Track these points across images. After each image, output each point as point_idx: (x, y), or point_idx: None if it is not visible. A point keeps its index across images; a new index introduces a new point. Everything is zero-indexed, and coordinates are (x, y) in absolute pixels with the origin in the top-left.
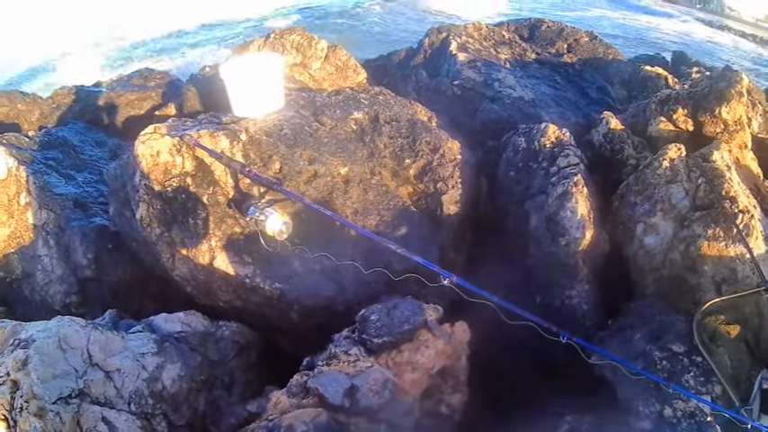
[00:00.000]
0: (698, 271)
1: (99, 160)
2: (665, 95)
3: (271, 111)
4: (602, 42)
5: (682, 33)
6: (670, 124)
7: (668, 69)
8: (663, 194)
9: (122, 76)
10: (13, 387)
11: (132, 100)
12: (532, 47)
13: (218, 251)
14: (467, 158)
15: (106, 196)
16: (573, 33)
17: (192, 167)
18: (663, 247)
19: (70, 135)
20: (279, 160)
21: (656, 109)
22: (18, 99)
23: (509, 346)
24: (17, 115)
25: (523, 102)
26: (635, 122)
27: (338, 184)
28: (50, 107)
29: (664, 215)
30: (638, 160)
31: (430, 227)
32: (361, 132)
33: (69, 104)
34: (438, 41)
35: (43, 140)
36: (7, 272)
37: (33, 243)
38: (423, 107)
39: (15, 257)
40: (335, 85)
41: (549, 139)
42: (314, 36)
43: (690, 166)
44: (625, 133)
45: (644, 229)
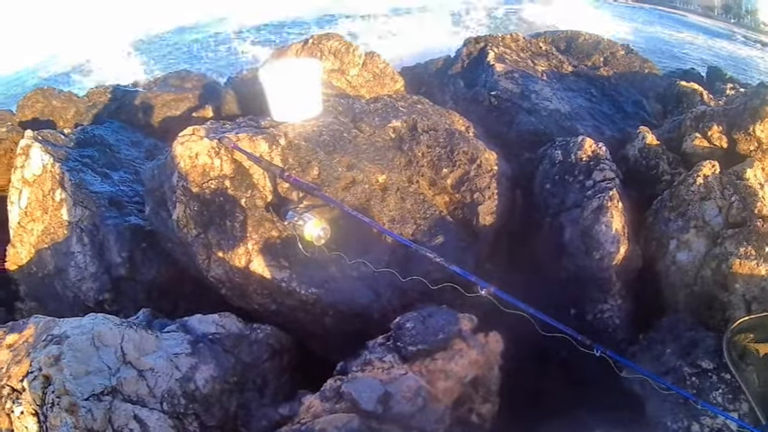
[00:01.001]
0: (729, 288)
1: (135, 160)
2: (701, 112)
3: (309, 116)
4: (637, 56)
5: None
6: (705, 141)
7: (703, 85)
8: (696, 211)
9: (159, 76)
10: (45, 382)
11: (169, 101)
12: (569, 59)
13: (255, 254)
14: (503, 170)
15: (141, 196)
16: (609, 46)
17: (230, 170)
18: (695, 264)
19: (106, 134)
20: (317, 166)
21: (691, 125)
22: (53, 96)
23: (539, 356)
24: (52, 112)
25: (560, 114)
26: (670, 138)
27: (375, 191)
28: (86, 105)
29: (697, 232)
30: (673, 176)
31: (465, 237)
32: (399, 140)
33: (105, 103)
34: (476, 51)
35: (79, 138)
36: (39, 267)
37: (67, 239)
38: (460, 117)
39: (48, 253)
40: (373, 92)
41: (585, 153)
42: (351, 42)
43: (724, 183)
44: (660, 149)
45: (677, 245)
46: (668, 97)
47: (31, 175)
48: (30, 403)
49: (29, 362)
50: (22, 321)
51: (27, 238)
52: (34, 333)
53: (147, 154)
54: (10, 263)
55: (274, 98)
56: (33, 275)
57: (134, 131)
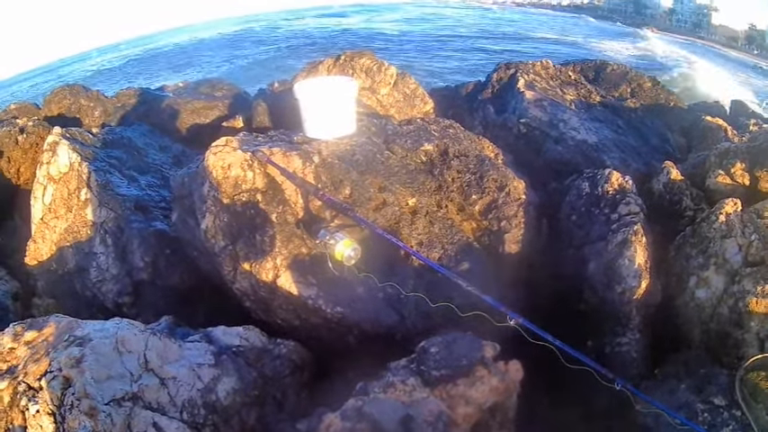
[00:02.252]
0: (744, 326)
1: (162, 165)
2: (724, 149)
3: (343, 134)
4: (663, 89)
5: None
6: (728, 178)
7: (727, 119)
8: (717, 249)
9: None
10: (65, 383)
11: (199, 108)
12: (597, 89)
13: (283, 270)
14: (531, 199)
15: (168, 201)
16: (636, 78)
17: (262, 184)
18: (713, 301)
19: (135, 136)
20: (350, 185)
21: (715, 162)
22: (81, 94)
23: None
24: (79, 110)
25: (587, 145)
26: (694, 174)
27: (405, 214)
28: (114, 106)
29: (716, 269)
30: (696, 212)
31: (490, 264)
32: (430, 164)
33: (134, 105)
34: (506, 77)
35: (107, 138)
36: (60, 264)
37: (90, 240)
38: (490, 143)
39: (70, 251)
40: (402, 113)
41: (612, 186)
42: (384, 61)
43: (745, 221)
44: (684, 184)
45: (696, 281)
46: (693, 131)
47: (57, 172)
48: (47, 403)
49: (48, 361)
50: (42, 319)
51: (49, 235)
52: (55, 332)
53: (175, 160)
54: (29, 258)
55: (309, 115)
56: (53, 272)
57: (162, 136)
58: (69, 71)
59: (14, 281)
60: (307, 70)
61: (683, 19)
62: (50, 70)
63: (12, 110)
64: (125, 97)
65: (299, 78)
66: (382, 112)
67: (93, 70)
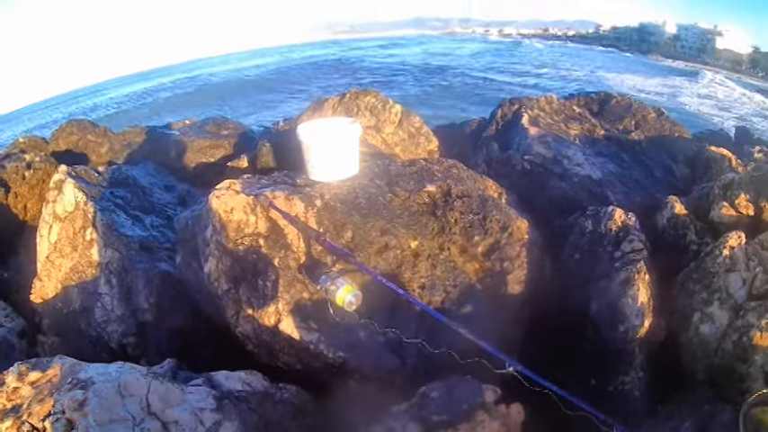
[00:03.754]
0: (748, 360)
1: (167, 205)
2: (729, 180)
3: (346, 177)
4: (668, 119)
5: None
6: (732, 209)
7: (731, 148)
8: (721, 284)
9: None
10: (68, 426)
11: (204, 147)
12: (601, 122)
13: (285, 315)
14: (534, 239)
15: (172, 242)
16: (641, 109)
17: (265, 228)
18: (717, 337)
19: (140, 175)
20: (352, 229)
21: (719, 193)
22: (88, 129)
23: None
24: (86, 145)
25: (591, 180)
26: (698, 206)
27: (408, 257)
28: (121, 143)
29: (720, 304)
30: (700, 246)
31: (492, 305)
32: (433, 206)
33: (140, 143)
34: (510, 113)
35: (113, 178)
36: (65, 303)
37: (95, 280)
38: (493, 183)
39: (75, 291)
40: (407, 151)
41: (615, 224)
42: (389, 99)
43: (749, 254)
44: (688, 218)
45: (700, 317)
46: (698, 162)
47: (63, 210)
48: None
49: (52, 402)
50: (46, 360)
51: (54, 274)
52: (59, 374)
53: (180, 199)
54: (35, 296)
55: (312, 158)
56: (58, 311)
57: (168, 175)
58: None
59: (20, 318)
60: (312, 109)
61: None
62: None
63: (20, 143)
64: (131, 135)
65: (304, 117)
66: (387, 150)
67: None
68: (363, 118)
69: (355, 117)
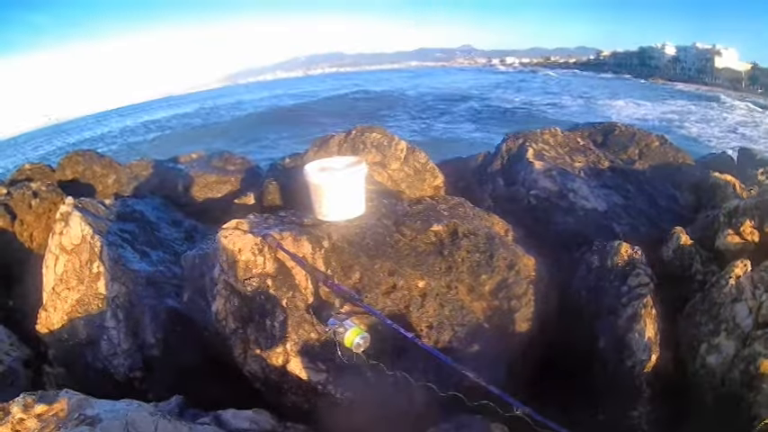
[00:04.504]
0: (755, 388)
1: (174, 240)
2: (733, 207)
3: (353, 216)
4: (671, 146)
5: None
6: (737, 237)
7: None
8: (728, 314)
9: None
10: None
11: (211, 182)
12: (606, 153)
13: (293, 355)
14: (541, 275)
15: (179, 278)
16: (644, 138)
17: (273, 269)
18: (724, 366)
19: (147, 210)
20: (359, 270)
21: (724, 221)
22: (95, 161)
23: None
24: (92, 176)
25: (597, 213)
26: (703, 235)
27: (415, 297)
28: (128, 176)
29: (727, 335)
30: (705, 276)
31: (500, 344)
32: (440, 245)
33: (147, 177)
34: (515, 148)
35: (120, 211)
36: (71, 335)
37: (101, 313)
38: (500, 219)
39: (81, 323)
40: (413, 187)
41: (621, 258)
42: (394, 136)
43: (755, 281)
44: (694, 248)
45: (707, 348)
46: (702, 188)
47: (70, 243)
48: None
49: None
50: (53, 393)
51: (60, 305)
52: (66, 408)
53: (187, 235)
54: (41, 326)
55: (320, 199)
56: (64, 342)
57: (174, 210)
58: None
59: (25, 347)
60: (317, 145)
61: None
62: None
63: (26, 170)
64: (138, 168)
65: (310, 154)
66: (393, 187)
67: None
68: (369, 154)
69: (361, 154)
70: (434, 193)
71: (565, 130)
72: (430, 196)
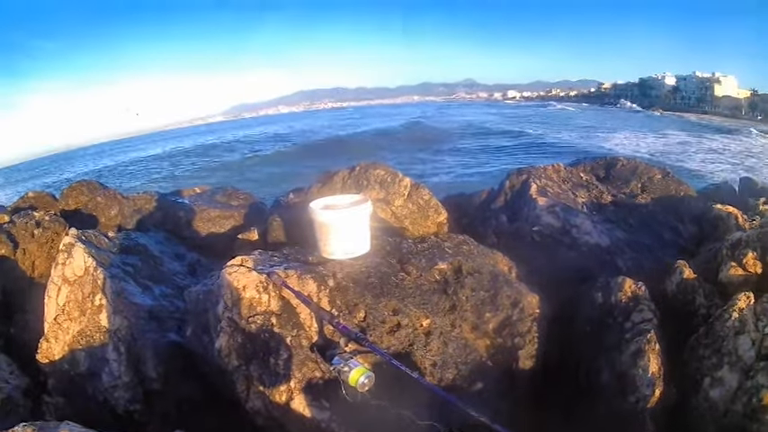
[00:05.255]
0: (758, 420)
1: (177, 274)
2: (736, 239)
3: (358, 254)
4: (673, 179)
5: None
6: (740, 269)
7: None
8: (731, 346)
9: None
10: None
11: (214, 217)
12: (608, 188)
13: (297, 393)
14: (545, 313)
15: (182, 312)
16: (646, 171)
17: (277, 307)
18: (726, 399)
19: (150, 244)
20: (364, 309)
21: (727, 254)
22: (98, 191)
23: None
24: (95, 207)
25: (600, 249)
26: (706, 268)
27: (419, 336)
28: (131, 209)
29: (730, 367)
30: (709, 309)
31: (504, 381)
32: (444, 283)
33: (151, 210)
34: (518, 184)
35: (123, 244)
36: (72, 366)
37: (103, 345)
38: (503, 257)
39: (82, 354)
40: (416, 224)
41: (625, 294)
42: (398, 172)
43: (758, 313)
44: (697, 282)
45: (710, 382)
46: (705, 220)
47: (72, 274)
48: None
49: None
50: (53, 424)
51: (62, 336)
52: None
53: (190, 269)
54: (41, 356)
55: (325, 236)
56: (65, 373)
57: (178, 244)
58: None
59: (25, 376)
60: (321, 181)
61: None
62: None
63: (30, 198)
64: (142, 201)
65: (314, 190)
66: (396, 223)
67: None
68: (373, 191)
69: (365, 190)
70: (438, 230)
71: (568, 164)
72: (434, 233)
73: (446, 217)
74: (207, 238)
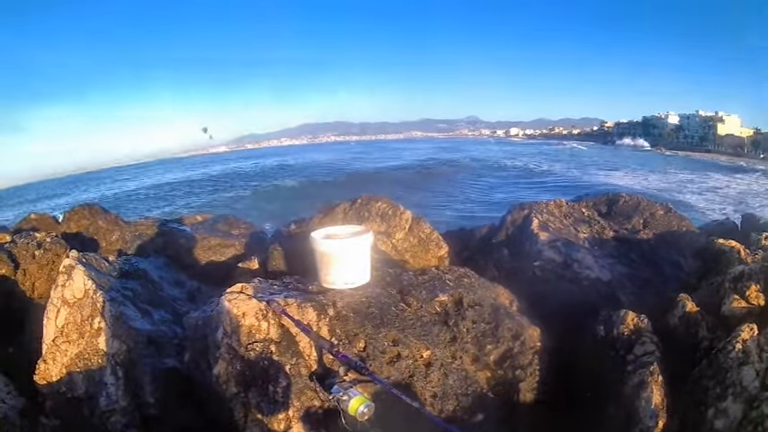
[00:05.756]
0: None
1: (176, 300)
2: (739, 273)
3: (358, 284)
4: (675, 215)
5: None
6: (743, 302)
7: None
8: (735, 377)
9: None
10: None
11: (215, 245)
12: (610, 223)
13: (295, 421)
14: (546, 345)
15: (181, 338)
16: (649, 207)
17: (276, 335)
18: (731, 430)
19: (150, 269)
20: (364, 339)
21: (730, 287)
22: (100, 215)
23: None
24: (96, 231)
25: (601, 283)
26: (709, 301)
27: (420, 367)
28: (132, 234)
29: (734, 398)
30: (712, 341)
31: (505, 413)
32: (445, 315)
33: (152, 236)
34: (520, 219)
35: (123, 268)
36: (69, 388)
37: (101, 369)
38: (505, 290)
39: (80, 377)
40: (417, 258)
41: (627, 327)
42: (399, 205)
43: (761, 344)
44: (699, 315)
45: (714, 413)
46: (707, 255)
47: (72, 296)
48: None
49: None
50: None
51: (60, 358)
52: None
53: (189, 296)
54: (39, 377)
55: (325, 266)
56: (62, 395)
57: (178, 271)
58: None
59: (21, 397)
60: (323, 213)
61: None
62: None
63: (32, 219)
64: (143, 227)
65: (315, 221)
66: (397, 257)
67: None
68: (374, 224)
69: (366, 223)
70: (439, 264)
71: (570, 200)
72: (436, 266)
73: (447, 251)
74: (207, 265)
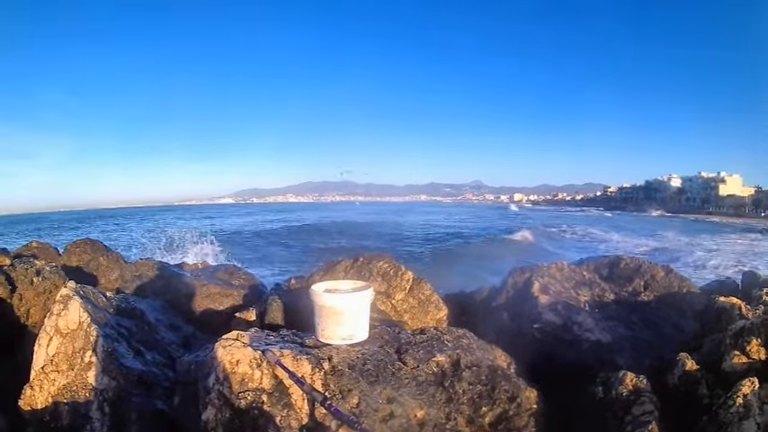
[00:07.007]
0: None
1: (171, 344)
2: (739, 328)
3: (356, 341)
4: (676, 276)
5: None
6: (744, 357)
7: (739, 293)
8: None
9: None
10: None
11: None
12: (611, 286)
13: None
14: (542, 408)
15: (172, 382)
16: (650, 269)
17: (269, 385)
18: None
19: (148, 310)
20: (358, 395)
21: (731, 343)
22: (101, 252)
23: None
24: (97, 267)
25: (600, 346)
26: (709, 359)
27: (413, 426)
28: (132, 274)
29: None
30: (711, 398)
31: None
32: (441, 375)
33: (152, 278)
34: (521, 281)
35: (120, 306)
36: (53, 418)
37: (87, 403)
38: (502, 353)
39: (65, 408)
40: (416, 319)
41: (626, 388)
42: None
43: (763, 398)
44: (699, 373)
45: None
46: (707, 314)
47: (66, 326)
48: None
49: None
50: None
51: (47, 386)
52: None
53: (184, 341)
54: (24, 403)
55: (323, 320)
56: (45, 423)
57: (175, 315)
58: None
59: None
60: (324, 269)
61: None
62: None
63: (33, 247)
64: (144, 268)
65: (316, 278)
66: (396, 317)
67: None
68: (375, 283)
69: (367, 281)
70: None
71: (571, 263)
72: (434, 327)
73: (446, 313)
74: (204, 313)
